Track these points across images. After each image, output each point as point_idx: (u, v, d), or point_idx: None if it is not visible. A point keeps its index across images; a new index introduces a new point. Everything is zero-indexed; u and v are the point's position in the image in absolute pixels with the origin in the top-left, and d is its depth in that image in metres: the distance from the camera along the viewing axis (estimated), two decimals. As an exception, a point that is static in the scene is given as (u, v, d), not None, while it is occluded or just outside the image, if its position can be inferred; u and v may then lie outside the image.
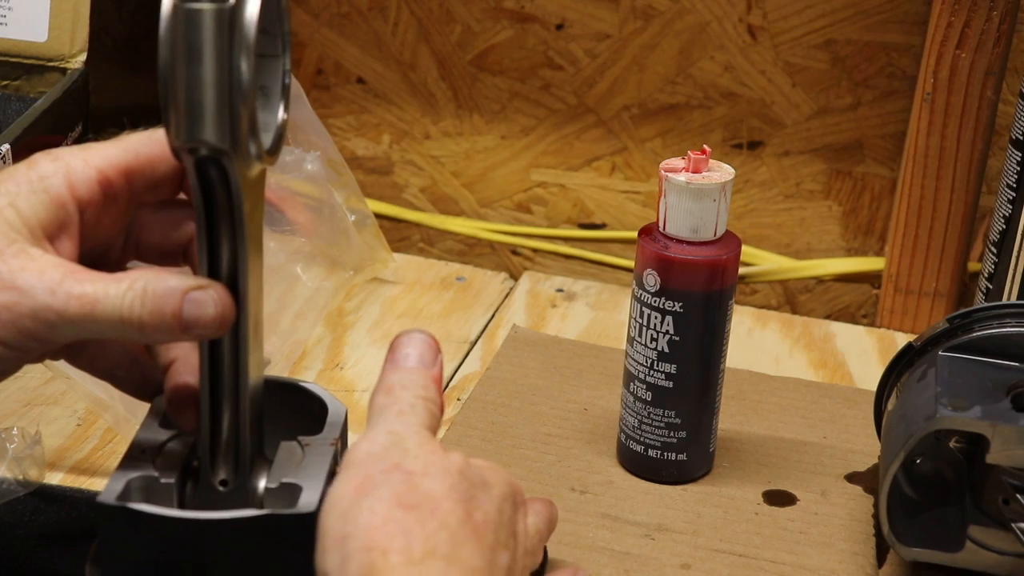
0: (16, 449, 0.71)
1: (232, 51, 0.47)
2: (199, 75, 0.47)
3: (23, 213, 0.51)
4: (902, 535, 0.67)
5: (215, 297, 0.51)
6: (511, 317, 0.94)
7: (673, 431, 0.74)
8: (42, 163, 0.53)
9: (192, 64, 0.47)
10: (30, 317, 0.50)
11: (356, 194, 0.93)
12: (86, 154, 0.53)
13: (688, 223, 0.71)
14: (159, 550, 0.52)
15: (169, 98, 0.48)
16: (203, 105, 0.47)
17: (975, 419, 0.63)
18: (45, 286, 0.50)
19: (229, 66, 0.47)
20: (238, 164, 0.49)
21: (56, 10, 0.85)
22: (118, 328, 0.50)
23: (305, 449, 0.56)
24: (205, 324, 0.51)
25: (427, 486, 0.49)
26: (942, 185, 0.93)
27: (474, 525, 0.49)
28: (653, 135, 1.00)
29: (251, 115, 0.48)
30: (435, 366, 0.55)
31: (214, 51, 0.47)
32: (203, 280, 0.51)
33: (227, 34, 0.47)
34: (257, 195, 0.52)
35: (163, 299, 0.50)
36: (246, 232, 0.51)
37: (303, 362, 0.87)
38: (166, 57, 0.47)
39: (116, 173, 0.53)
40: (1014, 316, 0.68)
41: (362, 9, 1.02)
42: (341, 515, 0.48)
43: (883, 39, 0.94)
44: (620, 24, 0.98)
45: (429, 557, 0.47)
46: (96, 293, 0.50)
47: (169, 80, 0.47)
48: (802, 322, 0.96)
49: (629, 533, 0.71)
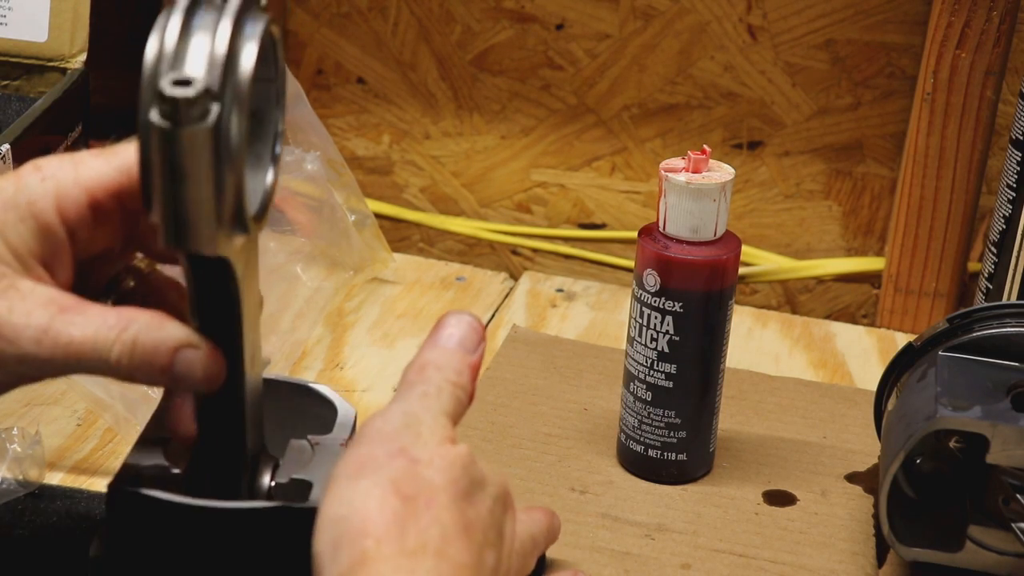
0: (16, 449, 0.71)
1: (216, 165, 0.45)
2: (181, 192, 0.45)
3: (11, 243, 0.50)
4: (902, 535, 0.67)
5: (203, 358, 0.50)
6: (511, 317, 0.94)
7: (673, 431, 0.74)
8: (30, 183, 0.51)
9: (173, 182, 0.45)
10: (16, 363, 0.50)
11: (356, 194, 0.93)
12: (78, 172, 0.52)
13: (688, 223, 0.71)
14: (168, 537, 0.52)
15: (154, 209, 0.46)
16: (187, 219, 0.46)
17: (975, 419, 0.63)
18: (31, 335, 0.49)
19: (214, 180, 0.45)
20: (229, 252, 0.48)
21: (56, 10, 0.85)
22: (105, 374, 0.50)
23: (315, 448, 0.56)
24: (193, 383, 0.50)
25: (428, 476, 0.49)
26: (942, 185, 0.93)
27: (466, 522, 0.49)
28: (653, 135, 1.00)
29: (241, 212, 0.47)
30: (475, 353, 0.54)
31: (195, 169, 0.45)
32: (193, 336, 0.50)
33: (208, 152, 0.45)
34: (250, 252, 0.51)
35: (152, 355, 0.50)
36: (241, 295, 0.50)
37: (303, 362, 0.87)
38: (146, 169, 0.46)
39: (108, 196, 0.52)
40: (1014, 316, 0.68)
41: (362, 9, 1.02)
42: (338, 494, 0.48)
43: (883, 39, 0.94)
44: (620, 24, 0.98)
45: (420, 551, 0.47)
46: (83, 343, 0.49)
47: (150, 191, 0.46)
48: (802, 322, 0.96)
49: (629, 533, 0.71)
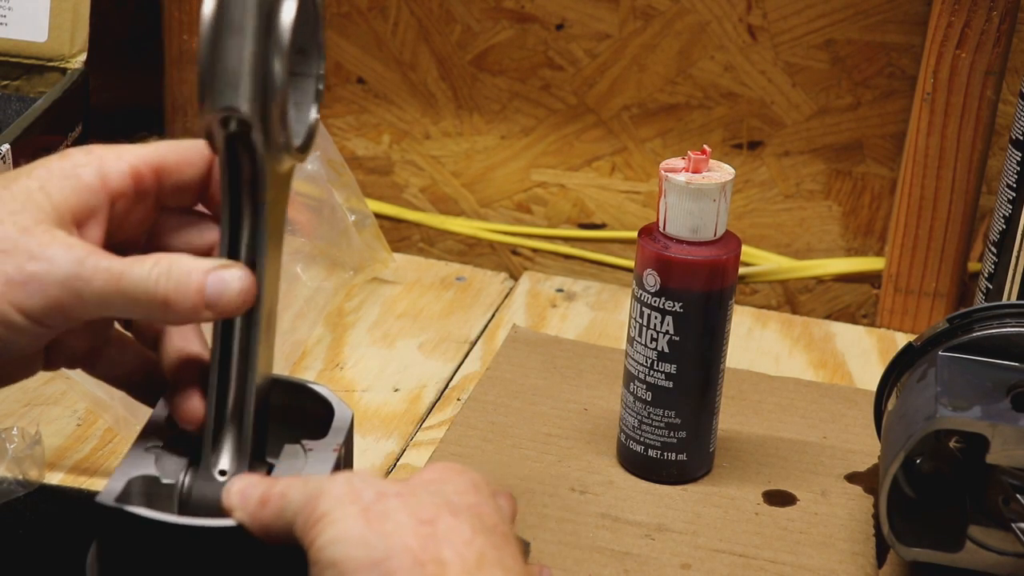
0: (16, 449, 0.71)
1: (269, 35, 0.49)
2: (237, 47, 0.49)
3: (53, 197, 0.52)
4: (902, 535, 0.67)
5: (238, 275, 0.52)
6: (511, 317, 0.94)
7: (673, 431, 0.74)
8: (75, 154, 0.54)
9: (232, 37, 0.49)
10: (59, 286, 0.51)
11: (356, 194, 0.93)
12: (119, 150, 0.54)
13: (688, 223, 0.71)
14: (155, 553, 0.52)
15: (206, 69, 0.49)
16: (238, 75, 0.49)
17: (975, 419, 0.63)
18: (74, 257, 0.51)
19: (265, 46, 0.49)
20: (265, 145, 0.50)
21: (56, 10, 0.85)
22: (143, 303, 0.51)
23: (308, 454, 0.56)
24: (228, 300, 0.52)
25: (425, 502, 0.49)
26: (942, 185, 0.93)
27: (491, 527, 0.50)
28: (653, 135, 1.00)
29: (282, 97, 0.50)
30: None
31: (253, 28, 0.49)
32: (226, 260, 0.52)
33: (265, 19, 0.49)
34: (282, 188, 0.53)
35: (188, 275, 0.51)
36: (267, 220, 0.52)
37: (303, 362, 0.87)
38: (207, 30, 0.49)
39: (148, 169, 0.54)
40: (1014, 316, 0.68)
41: (362, 9, 1.02)
42: (360, 543, 0.48)
43: (883, 39, 0.94)
44: (620, 24, 0.98)
45: (483, 564, 0.47)
46: (123, 267, 0.51)
47: (208, 51, 0.49)
48: (802, 322, 0.96)
49: (629, 533, 0.71)
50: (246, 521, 0.51)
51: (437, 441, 0.79)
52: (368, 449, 0.78)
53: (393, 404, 0.83)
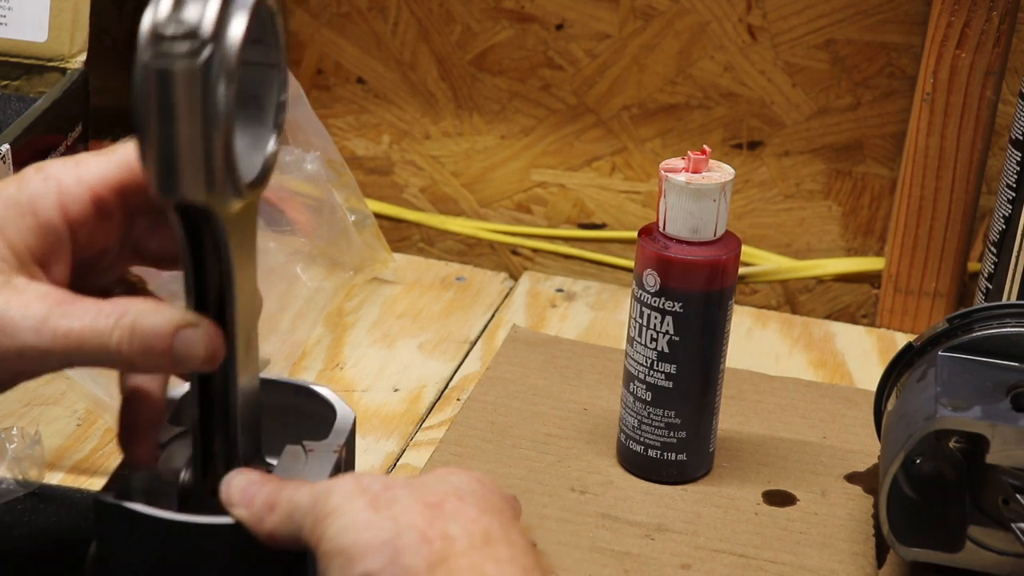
0: (16, 449, 0.71)
1: (206, 106, 0.46)
2: (172, 134, 0.46)
3: (11, 240, 0.50)
4: (902, 535, 0.67)
5: (204, 336, 0.50)
6: (511, 317, 0.94)
7: (673, 431, 0.74)
8: (32, 182, 0.51)
9: (164, 122, 0.46)
10: (16, 357, 0.49)
11: (356, 194, 0.93)
12: (79, 171, 0.52)
13: (688, 223, 0.71)
14: (154, 550, 0.52)
15: (145, 153, 0.47)
16: (177, 163, 0.46)
17: (975, 419, 0.63)
18: (29, 325, 0.49)
19: (203, 122, 0.46)
20: (220, 209, 0.48)
21: (56, 10, 0.85)
22: (106, 362, 0.50)
23: (308, 455, 0.56)
24: (194, 360, 0.50)
25: (432, 487, 0.49)
26: (942, 185, 0.93)
27: (498, 509, 0.50)
28: (653, 135, 1.00)
29: (230, 169, 0.47)
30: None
31: (187, 109, 0.46)
32: (190, 316, 0.50)
33: (200, 90, 0.46)
34: (246, 221, 0.51)
35: (152, 337, 0.49)
36: (233, 262, 0.50)
37: (303, 362, 0.87)
38: (139, 113, 0.46)
39: (110, 191, 0.52)
40: (1014, 316, 0.68)
41: (362, 9, 1.02)
42: (367, 526, 0.48)
43: (883, 39, 0.94)
44: (620, 24, 0.98)
45: (489, 539, 0.47)
46: (83, 331, 0.49)
47: (144, 136, 0.47)
48: (802, 322, 0.96)
49: (629, 533, 0.71)
50: (250, 522, 0.51)
51: (437, 441, 0.79)
52: (368, 449, 0.78)
53: (393, 404, 0.83)
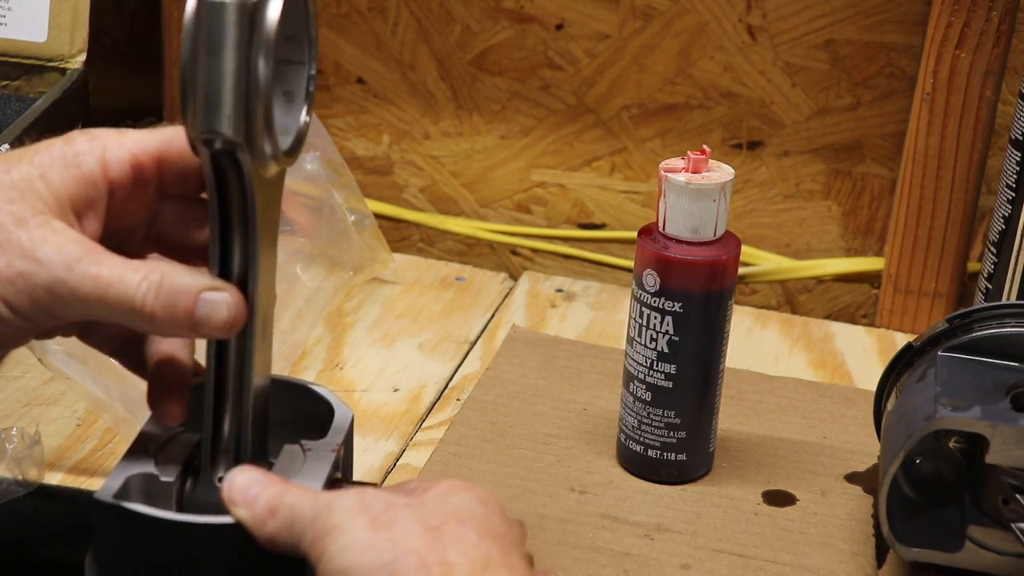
0: (16, 449, 0.71)
1: (251, 46, 0.48)
2: (218, 67, 0.48)
3: (53, 185, 0.52)
4: (902, 535, 0.67)
5: (228, 300, 0.51)
6: (511, 317, 0.94)
7: (673, 431, 0.74)
8: (79, 140, 0.53)
9: (212, 56, 0.48)
10: (44, 289, 0.50)
11: (356, 194, 0.93)
12: (122, 137, 0.54)
13: (688, 223, 0.71)
14: (152, 550, 0.52)
15: (188, 89, 0.49)
16: (220, 97, 0.48)
17: (975, 419, 0.63)
18: (63, 260, 0.50)
19: (247, 61, 0.48)
20: (252, 160, 0.50)
21: (56, 10, 0.85)
22: (128, 315, 0.51)
23: (307, 454, 0.56)
24: (216, 326, 0.51)
25: (433, 508, 0.50)
26: (942, 185, 0.93)
27: (498, 534, 0.50)
28: (653, 135, 1.00)
29: (267, 112, 0.49)
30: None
31: (234, 45, 0.48)
32: (218, 281, 0.52)
33: (247, 29, 0.48)
34: (272, 194, 0.52)
35: (177, 295, 0.50)
36: (258, 230, 0.52)
37: (303, 362, 0.87)
38: (188, 49, 0.48)
39: (149, 159, 0.54)
40: (1014, 316, 0.68)
41: (362, 9, 1.02)
42: (367, 548, 0.48)
43: (883, 39, 0.94)
44: (620, 24, 0.98)
45: (489, 566, 0.48)
46: (111, 277, 0.50)
47: (189, 71, 0.48)
48: (802, 322, 0.96)
49: (629, 533, 0.71)
50: (251, 524, 0.51)
51: (437, 441, 0.79)
52: (368, 449, 0.78)
53: (393, 404, 0.83)
